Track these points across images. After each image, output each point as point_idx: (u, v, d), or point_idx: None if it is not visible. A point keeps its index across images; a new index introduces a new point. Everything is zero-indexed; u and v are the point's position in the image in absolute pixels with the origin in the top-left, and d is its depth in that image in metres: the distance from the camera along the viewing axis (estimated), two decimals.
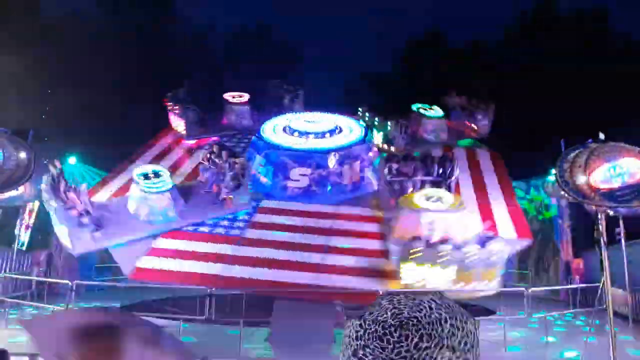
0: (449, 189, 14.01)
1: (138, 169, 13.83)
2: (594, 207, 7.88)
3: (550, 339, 11.76)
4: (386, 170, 14.65)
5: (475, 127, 19.46)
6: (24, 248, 18.69)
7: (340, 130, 16.46)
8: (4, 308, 13.39)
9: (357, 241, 13.14)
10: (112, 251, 13.05)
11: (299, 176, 15.10)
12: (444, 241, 11.68)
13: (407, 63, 39.27)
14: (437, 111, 19.28)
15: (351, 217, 14.30)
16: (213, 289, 10.84)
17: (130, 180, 13.84)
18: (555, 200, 20.27)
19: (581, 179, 7.21)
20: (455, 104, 20.09)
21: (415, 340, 3.05)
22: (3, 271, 15.76)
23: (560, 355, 10.40)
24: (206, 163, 14.97)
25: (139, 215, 13.24)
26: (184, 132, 18.28)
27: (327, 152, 15.30)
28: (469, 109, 19.78)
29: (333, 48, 53.54)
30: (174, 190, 13.48)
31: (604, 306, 7.95)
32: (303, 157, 15.29)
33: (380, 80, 38.83)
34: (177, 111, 18.74)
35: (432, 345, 3.01)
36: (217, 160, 14.82)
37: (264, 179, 15.45)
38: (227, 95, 19.63)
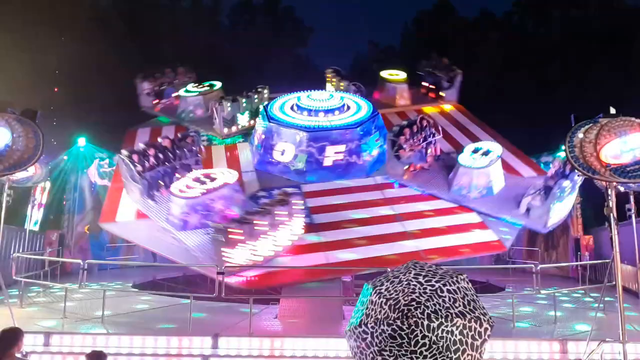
0: (435, 144, 15.72)
1: None
2: (604, 183, 7.81)
3: (559, 315, 11.78)
4: (393, 149, 15.34)
5: (442, 94, 20.39)
6: (36, 228, 18.92)
7: (348, 108, 16.35)
8: (19, 288, 13.59)
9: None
10: None
11: (334, 154, 15.22)
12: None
13: (416, 34, 38.75)
14: (400, 77, 20.48)
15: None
16: (223, 267, 10.90)
17: None
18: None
19: (591, 155, 7.13)
20: (430, 67, 20.82)
21: (426, 322, 2.98)
22: (16, 251, 15.95)
23: (569, 331, 10.42)
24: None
25: None
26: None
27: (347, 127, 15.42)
28: (438, 74, 20.55)
29: (342, 19, 52.84)
30: None
31: (614, 282, 7.93)
32: (339, 136, 15.42)
33: (388, 52, 38.40)
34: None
35: (443, 320, 2.97)
36: None
37: (298, 164, 15.34)
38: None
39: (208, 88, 19.96)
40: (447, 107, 20.39)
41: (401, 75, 20.87)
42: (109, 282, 16.04)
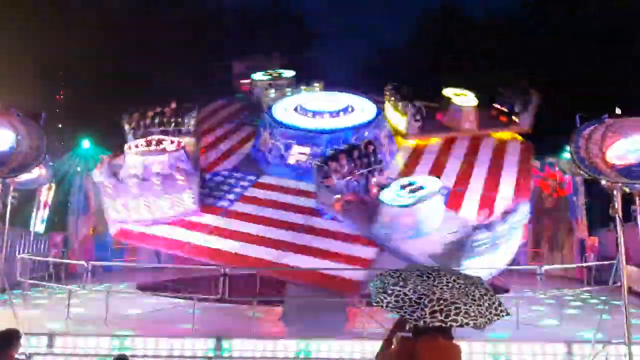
0: (380, 172, 13.35)
1: None
2: (609, 184, 7.76)
3: (564, 317, 11.71)
4: (320, 175, 13.22)
5: (516, 119, 17.77)
6: (41, 230, 18.98)
7: (353, 110, 16.29)
8: (23, 289, 13.63)
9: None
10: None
11: (298, 154, 15.04)
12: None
13: (423, 37, 38.53)
14: (469, 99, 17.94)
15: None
16: (227, 269, 10.89)
17: None
18: (570, 177, 20.01)
19: (596, 155, 7.09)
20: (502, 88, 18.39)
21: (453, 277, 3.56)
22: (21, 253, 16.01)
23: (574, 333, 10.35)
24: None
25: None
26: None
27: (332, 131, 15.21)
28: (511, 98, 18.04)
29: (348, 22, 52.81)
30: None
31: (619, 284, 7.88)
32: (305, 137, 15.21)
33: (396, 56, 38.12)
34: None
35: (469, 283, 3.54)
36: None
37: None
38: None
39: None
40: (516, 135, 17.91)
41: (469, 95, 18.29)
42: (114, 283, 16.07)
